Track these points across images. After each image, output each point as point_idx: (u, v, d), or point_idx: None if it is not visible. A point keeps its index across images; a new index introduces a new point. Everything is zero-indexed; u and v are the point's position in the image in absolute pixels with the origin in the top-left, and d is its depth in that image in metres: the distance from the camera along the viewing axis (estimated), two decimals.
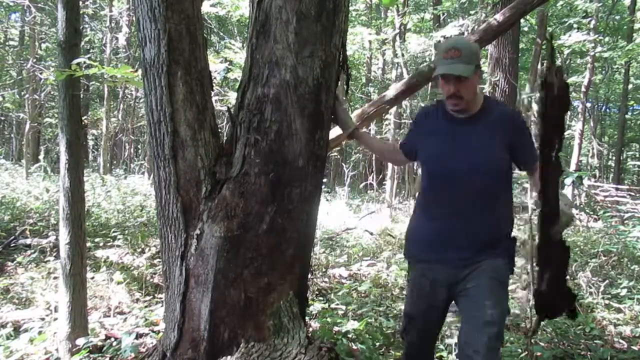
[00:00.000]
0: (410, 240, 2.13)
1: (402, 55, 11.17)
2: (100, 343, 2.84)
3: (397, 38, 11.44)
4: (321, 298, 4.03)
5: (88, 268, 3.64)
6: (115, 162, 15.30)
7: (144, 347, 2.77)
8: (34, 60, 10.87)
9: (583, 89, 14.11)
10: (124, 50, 12.87)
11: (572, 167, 13.38)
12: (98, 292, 3.85)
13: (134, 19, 7.02)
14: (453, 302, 2.04)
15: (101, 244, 5.03)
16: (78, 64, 2.69)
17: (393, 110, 10.81)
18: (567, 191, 10.81)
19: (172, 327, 2.03)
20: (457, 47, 1.87)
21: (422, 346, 2.09)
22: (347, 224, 7.79)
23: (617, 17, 15.39)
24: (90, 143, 18.12)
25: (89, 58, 3.20)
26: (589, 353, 2.97)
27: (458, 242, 1.94)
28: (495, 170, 1.94)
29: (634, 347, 3.19)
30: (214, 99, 2.60)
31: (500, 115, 1.97)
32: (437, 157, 2.00)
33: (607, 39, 14.48)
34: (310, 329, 3.00)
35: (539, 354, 2.86)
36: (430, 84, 11.10)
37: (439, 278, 1.97)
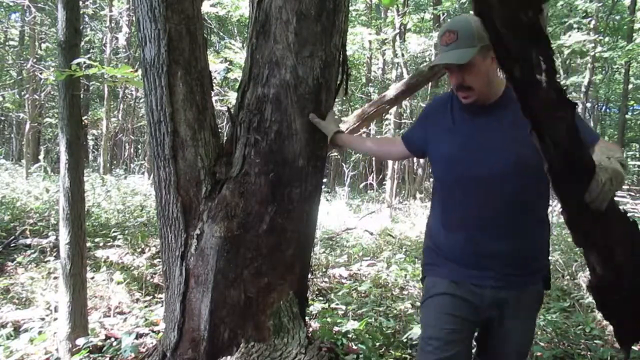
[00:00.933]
0: (433, 252, 1.74)
1: (402, 55, 11.18)
2: (100, 343, 2.84)
3: (397, 38, 11.45)
4: (321, 298, 4.03)
5: (88, 268, 3.64)
6: (115, 162, 15.31)
7: (144, 347, 2.77)
8: (34, 60, 10.87)
9: (583, 89, 14.11)
10: (124, 50, 12.88)
11: None
12: (98, 292, 3.85)
13: (134, 19, 7.02)
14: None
15: (101, 244, 5.03)
16: (78, 64, 2.69)
17: (393, 110, 10.82)
18: None
19: (172, 327, 2.03)
20: (453, 29, 1.56)
21: None
22: (347, 224, 7.79)
23: (617, 17, 15.40)
24: (90, 143, 18.12)
25: (89, 58, 3.20)
26: (589, 353, 2.97)
27: (487, 259, 1.60)
28: (532, 171, 1.49)
29: (634, 347, 3.19)
30: (214, 99, 2.60)
31: None
32: (455, 159, 1.65)
33: (607, 39, 14.48)
34: (310, 329, 3.00)
35: (539, 354, 2.86)
36: (430, 84, 11.14)
37: (468, 297, 1.63)
